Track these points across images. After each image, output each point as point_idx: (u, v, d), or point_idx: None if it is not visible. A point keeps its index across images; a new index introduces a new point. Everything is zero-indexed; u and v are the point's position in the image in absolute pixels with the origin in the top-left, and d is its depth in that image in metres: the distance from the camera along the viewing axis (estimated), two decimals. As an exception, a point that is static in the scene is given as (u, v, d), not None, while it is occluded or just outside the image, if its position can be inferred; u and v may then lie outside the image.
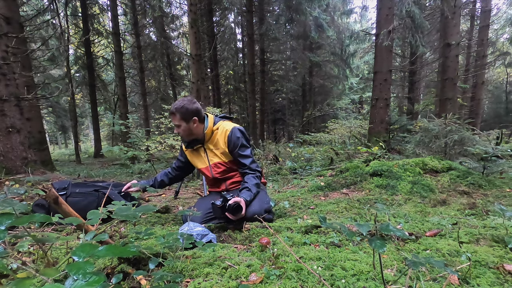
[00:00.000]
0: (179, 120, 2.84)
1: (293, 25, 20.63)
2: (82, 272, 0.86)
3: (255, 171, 2.95)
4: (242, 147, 2.96)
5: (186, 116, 2.84)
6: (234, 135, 2.95)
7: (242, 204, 2.54)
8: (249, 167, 2.94)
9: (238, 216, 2.54)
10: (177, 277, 1.40)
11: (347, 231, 1.32)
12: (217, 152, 3.03)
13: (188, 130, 2.92)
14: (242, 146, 2.96)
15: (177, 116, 2.83)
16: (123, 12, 20.66)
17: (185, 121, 2.86)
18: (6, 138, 6.08)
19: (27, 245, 1.87)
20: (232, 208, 2.50)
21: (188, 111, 2.83)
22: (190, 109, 2.85)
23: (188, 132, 2.94)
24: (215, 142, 3.03)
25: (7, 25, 6.35)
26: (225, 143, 2.97)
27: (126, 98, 17.43)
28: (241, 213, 2.53)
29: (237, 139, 2.94)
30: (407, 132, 9.69)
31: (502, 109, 23.23)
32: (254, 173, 2.94)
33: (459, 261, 1.70)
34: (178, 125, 2.87)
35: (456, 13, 11.07)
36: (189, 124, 2.89)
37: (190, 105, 2.85)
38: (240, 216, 2.56)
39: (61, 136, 45.01)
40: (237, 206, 2.51)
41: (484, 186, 3.68)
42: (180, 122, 2.85)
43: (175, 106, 2.82)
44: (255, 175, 2.93)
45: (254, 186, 2.82)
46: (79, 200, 3.17)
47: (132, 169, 8.80)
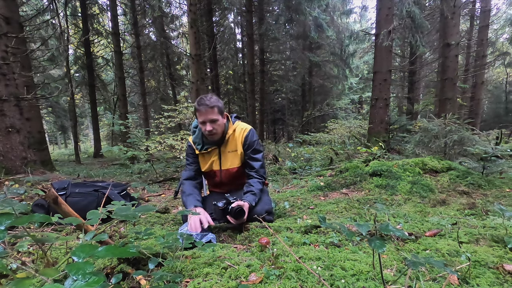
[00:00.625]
0: (217, 113, 2.68)
1: (292, 25, 20.64)
2: (81, 272, 0.86)
3: (261, 177, 2.91)
4: (256, 149, 2.92)
5: (222, 110, 2.75)
6: (252, 136, 2.91)
7: (245, 209, 2.51)
8: (257, 171, 2.89)
9: (240, 220, 2.51)
10: (176, 277, 1.40)
11: (346, 231, 1.32)
12: (232, 156, 2.94)
13: (223, 126, 2.80)
14: (256, 148, 2.92)
15: (215, 110, 2.66)
16: (123, 12, 20.65)
17: (221, 115, 2.75)
18: (6, 138, 6.08)
19: (26, 245, 1.87)
20: (234, 212, 2.45)
21: (222, 104, 2.75)
22: (222, 102, 2.76)
23: (222, 128, 2.80)
24: (231, 143, 2.92)
25: (6, 25, 6.35)
26: (242, 142, 2.90)
27: (125, 98, 17.41)
28: (244, 217, 2.50)
29: (254, 141, 2.90)
30: (407, 132, 9.70)
31: (501, 109, 23.25)
32: (260, 179, 2.89)
33: (459, 261, 1.70)
34: (215, 120, 2.69)
35: (456, 13, 11.07)
36: (223, 119, 2.79)
37: (219, 99, 2.75)
38: (242, 221, 2.53)
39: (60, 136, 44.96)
40: (240, 210, 2.47)
41: (484, 186, 3.69)
42: (218, 116, 2.70)
43: (210, 100, 2.64)
44: (261, 181, 2.89)
45: (259, 191, 2.80)
46: (78, 200, 3.17)
47: (131, 169, 8.81)
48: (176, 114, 7.99)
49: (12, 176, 5.70)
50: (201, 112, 2.64)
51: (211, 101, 2.63)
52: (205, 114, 2.64)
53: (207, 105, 2.61)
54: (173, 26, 22.99)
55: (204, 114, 2.64)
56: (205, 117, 2.65)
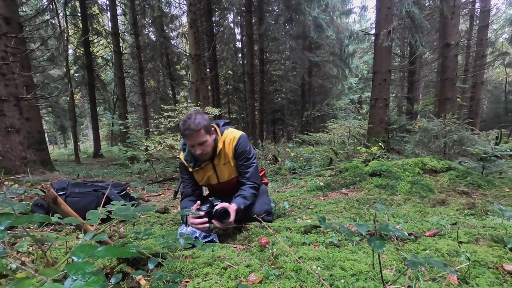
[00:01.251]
0: (204, 135, 2.53)
1: (292, 25, 20.65)
2: (81, 272, 0.86)
3: (254, 182, 2.81)
4: (247, 157, 2.82)
5: (209, 128, 2.60)
6: (241, 146, 2.79)
7: (231, 210, 2.40)
8: (249, 178, 2.80)
9: (225, 222, 2.38)
10: (176, 277, 1.40)
11: (346, 231, 1.32)
12: (227, 168, 2.84)
13: (212, 143, 2.66)
14: (247, 156, 2.82)
15: (202, 132, 2.50)
16: (123, 12, 20.66)
17: (209, 134, 2.60)
18: (5, 138, 6.08)
19: (26, 245, 1.87)
20: (218, 213, 2.34)
21: (208, 122, 2.59)
22: (207, 119, 2.60)
23: (212, 146, 2.67)
24: (223, 156, 2.81)
25: (6, 25, 6.35)
26: (232, 153, 2.79)
27: (125, 98, 17.42)
28: (229, 219, 2.38)
29: (244, 150, 2.79)
30: (406, 132, 9.70)
31: (501, 109, 23.25)
32: (253, 184, 2.80)
33: (459, 261, 1.70)
34: (204, 142, 2.55)
35: (456, 13, 11.08)
36: (212, 136, 2.65)
37: (204, 116, 2.59)
38: (227, 224, 2.41)
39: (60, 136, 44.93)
40: (224, 211, 2.37)
41: (483, 186, 3.69)
42: (206, 137, 2.56)
43: (195, 122, 2.47)
44: (254, 186, 2.80)
45: (251, 196, 2.71)
46: (78, 200, 3.17)
47: (131, 169, 8.80)
48: (176, 114, 7.97)
49: (12, 176, 5.70)
50: (187, 136, 2.52)
51: (196, 123, 2.47)
52: (191, 139, 2.52)
53: (192, 129, 2.46)
54: (173, 26, 23.01)
55: (190, 138, 2.52)
56: (192, 141, 2.54)
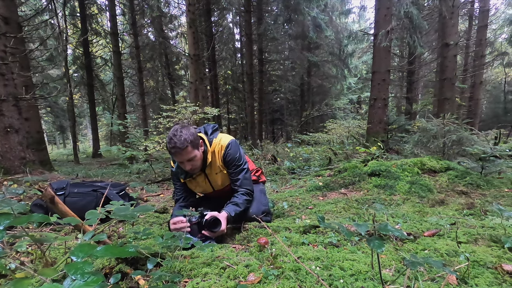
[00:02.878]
0: (191, 151, 2.46)
1: (291, 25, 20.66)
2: (80, 272, 0.86)
3: (246, 189, 2.75)
4: (237, 163, 2.76)
5: (196, 143, 2.52)
6: (231, 152, 2.73)
7: (221, 218, 2.34)
8: (241, 185, 2.75)
9: (216, 231, 2.31)
10: (175, 277, 1.40)
11: (345, 231, 1.32)
12: (220, 176, 2.81)
13: (201, 156, 2.61)
14: (237, 164, 2.76)
15: (189, 148, 2.43)
16: (122, 12, 20.67)
17: (197, 148, 2.53)
18: (5, 138, 6.08)
19: (25, 245, 1.86)
20: (208, 223, 2.29)
21: (194, 136, 2.50)
22: (194, 133, 2.52)
23: (201, 159, 2.63)
24: (214, 166, 2.77)
25: (5, 25, 6.35)
26: (221, 158, 2.74)
27: (124, 98, 17.41)
28: (220, 228, 2.31)
29: (234, 157, 2.74)
30: (405, 132, 9.71)
31: (500, 109, 23.27)
32: (245, 190, 2.74)
33: (458, 261, 1.71)
34: (192, 158, 2.50)
35: (454, 13, 11.08)
36: (200, 150, 2.58)
37: (190, 130, 2.51)
38: (219, 232, 2.35)
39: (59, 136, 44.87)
40: (214, 220, 2.31)
41: (483, 186, 3.69)
42: (195, 153, 2.50)
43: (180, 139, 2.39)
44: (246, 192, 2.74)
45: (243, 202, 2.66)
46: (77, 200, 3.17)
47: (130, 169, 8.80)
48: (175, 114, 7.97)
49: (11, 176, 5.69)
50: (174, 155, 2.46)
51: (181, 140, 2.38)
52: (179, 156, 2.46)
53: (179, 147, 2.38)
54: (172, 26, 23.03)
55: (178, 156, 2.46)
56: (181, 158, 2.49)
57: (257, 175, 3.30)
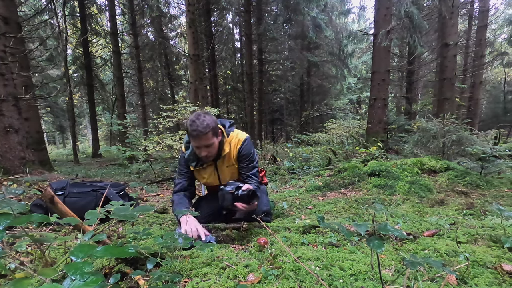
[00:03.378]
0: (211, 137, 2.46)
1: (291, 25, 20.66)
2: (80, 272, 0.86)
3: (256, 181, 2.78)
4: (251, 159, 2.78)
5: (216, 130, 2.53)
6: (247, 147, 2.74)
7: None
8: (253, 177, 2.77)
9: (252, 205, 2.33)
10: (175, 277, 1.40)
11: (345, 231, 1.32)
12: (229, 170, 2.80)
13: (218, 145, 2.60)
14: (251, 158, 2.78)
15: (210, 134, 2.43)
16: (121, 12, 20.65)
17: (216, 136, 2.54)
18: (4, 138, 6.07)
19: (25, 245, 1.86)
20: (247, 195, 2.27)
21: (216, 124, 2.52)
22: (216, 121, 2.54)
23: (217, 148, 2.61)
24: (227, 159, 2.76)
25: (5, 25, 6.34)
26: (235, 155, 2.74)
27: (124, 98, 17.40)
28: (256, 200, 2.32)
29: (249, 152, 2.75)
30: (405, 132, 9.72)
31: (500, 109, 23.28)
32: (256, 182, 2.76)
33: (457, 261, 1.71)
34: (210, 144, 2.49)
35: (454, 13, 11.08)
36: (218, 139, 2.58)
37: (212, 116, 2.51)
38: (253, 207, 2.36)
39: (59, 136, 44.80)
40: (253, 192, 2.30)
41: (482, 186, 3.69)
42: (213, 140, 2.50)
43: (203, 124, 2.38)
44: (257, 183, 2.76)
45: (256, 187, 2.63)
46: (77, 200, 3.17)
47: (130, 169, 8.80)
48: (175, 114, 7.97)
49: (11, 176, 5.69)
50: (194, 138, 2.44)
51: (204, 125, 2.38)
52: (198, 141, 2.45)
53: (200, 131, 2.37)
54: (172, 26, 23.01)
55: (197, 140, 2.44)
56: (199, 143, 2.47)
57: (261, 176, 3.30)
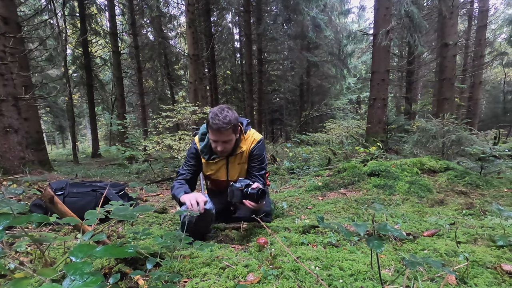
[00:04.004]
0: (230, 134, 2.44)
1: (290, 25, 20.65)
2: (79, 272, 0.86)
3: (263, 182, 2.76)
4: (262, 160, 2.77)
5: (237, 128, 2.51)
6: (260, 148, 2.74)
7: None
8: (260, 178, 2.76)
9: (260, 204, 2.32)
10: (174, 277, 1.40)
11: (344, 231, 1.32)
12: (239, 167, 2.78)
13: (236, 143, 2.61)
14: (262, 159, 2.78)
15: (230, 130, 2.40)
16: (121, 12, 20.63)
17: (235, 133, 2.52)
18: (4, 138, 6.07)
19: (24, 245, 1.86)
20: (257, 193, 2.27)
21: (237, 121, 2.48)
22: (237, 117, 2.49)
23: (233, 145, 2.59)
24: (241, 156, 2.74)
25: (4, 25, 6.34)
26: (248, 154, 2.73)
27: (123, 98, 17.40)
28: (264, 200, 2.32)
29: (261, 153, 2.75)
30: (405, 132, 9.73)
31: (499, 109, 23.29)
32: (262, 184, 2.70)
33: (457, 261, 1.71)
34: (228, 140, 2.47)
35: (454, 13, 11.07)
36: (237, 136, 2.58)
37: (234, 112, 2.47)
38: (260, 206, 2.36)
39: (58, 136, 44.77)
40: (262, 191, 2.30)
41: (482, 186, 3.69)
42: (232, 136, 2.48)
43: (226, 118, 2.35)
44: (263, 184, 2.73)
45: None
46: (76, 200, 3.17)
47: (129, 169, 8.79)
48: (174, 114, 7.97)
49: (10, 176, 5.69)
50: (214, 131, 2.40)
51: (226, 120, 2.34)
52: (218, 135, 2.41)
53: (222, 126, 2.34)
54: (171, 26, 23.01)
55: (217, 134, 2.41)
56: (218, 137, 2.44)
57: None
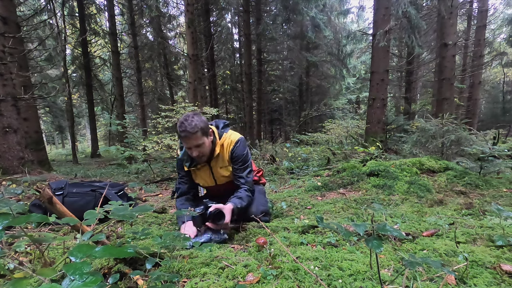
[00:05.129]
0: (200, 137, 2.48)
1: (290, 25, 20.67)
2: (79, 272, 0.86)
3: (249, 186, 2.78)
4: (244, 160, 2.78)
5: (206, 130, 2.54)
6: (239, 149, 2.75)
7: (225, 211, 2.35)
8: (246, 182, 2.77)
9: (221, 224, 2.33)
10: (174, 277, 1.40)
11: (344, 231, 1.32)
12: (224, 171, 2.82)
13: (209, 145, 2.62)
14: (244, 159, 2.78)
15: (198, 134, 2.45)
16: (120, 12, 20.63)
17: (206, 136, 2.55)
18: (3, 138, 6.06)
19: (24, 245, 1.86)
20: (212, 215, 2.30)
21: (205, 124, 2.52)
22: (205, 121, 2.54)
23: (209, 148, 2.64)
24: (221, 159, 2.78)
25: (4, 25, 6.34)
26: (228, 154, 2.76)
27: (123, 98, 17.41)
28: (224, 221, 2.31)
29: (241, 153, 2.75)
30: (404, 132, 9.71)
31: (499, 109, 23.35)
32: (248, 187, 2.77)
33: (456, 261, 1.71)
34: (200, 144, 2.51)
35: (453, 13, 11.06)
36: (209, 139, 2.61)
37: (202, 117, 2.53)
38: (223, 225, 2.36)
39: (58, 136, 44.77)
40: (218, 213, 2.32)
41: (481, 186, 3.70)
42: (203, 140, 2.51)
43: (192, 124, 2.41)
44: (249, 189, 2.76)
45: (246, 197, 2.66)
46: (76, 200, 3.17)
47: (129, 169, 8.79)
48: (174, 114, 7.97)
49: (10, 176, 5.68)
50: (183, 138, 2.48)
51: (192, 125, 2.41)
52: (188, 141, 2.48)
53: (189, 131, 2.40)
54: (171, 26, 23.00)
55: (187, 140, 2.48)
56: (189, 144, 2.50)
57: (258, 176, 3.31)
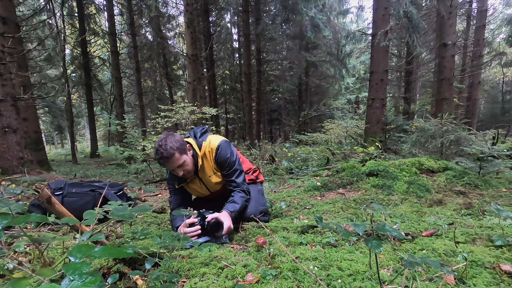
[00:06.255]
0: (179, 157, 2.48)
1: (289, 25, 20.66)
2: (78, 272, 0.86)
3: (242, 187, 2.75)
4: (230, 163, 2.74)
5: (184, 148, 2.54)
6: (222, 153, 2.71)
7: (222, 218, 2.32)
8: (238, 184, 2.74)
9: (219, 234, 2.31)
10: (173, 277, 1.40)
11: (343, 231, 1.32)
12: (213, 178, 2.80)
13: (192, 160, 2.63)
14: (230, 162, 2.74)
15: (176, 155, 2.46)
16: (120, 12, 20.62)
17: (185, 153, 2.55)
18: (3, 138, 6.06)
19: (23, 245, 1.86)
20: (211, 225, 2.29)
21: (180, 142, 2.52)
22: (180, 139, 2.54)
23: (192, 164, 2.63)
24: (207, 169, 2.77)
25: (3, 25, 6.34)
26: (213, 160, 2.74)
27: (122, 98, 17.41)
28: (222, 231, 2.29)
29: (225, 158, 2.71)
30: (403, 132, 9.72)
31: (498, 109, 23.37)
32: (241, 188, 2.74)
33: (456, 261, 1.71)
34: (182, 164, 2.52)
35: (453, 13, 11.07)
36: (189, 153, 2.62)
37: (176, 136, 2.53)
38: (220, 234, 2.32)
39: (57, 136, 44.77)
40: (216, 223, 2.30)
41: (480, 186, 3.70)
42: (183, 159, 2.51)
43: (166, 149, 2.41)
44: (242, 190, 2.74)
45: (240, 199, 2.64)
46: (75, 200, 3.17)
47: (128, 169, 8.79)
48: (173, 114, 7.98)
49: (9, 176, 5.68)
50: (164, 164, 2.52)
51: (167, 149, 2.41)
52: (169, 165, 2.51)
53: (166, 157, 2.42)
54: (170, 26, 22.99)
55: (168, 165, 2.52)
56: (171, 167, 2.53)
57: (255, 175, 3.29)
